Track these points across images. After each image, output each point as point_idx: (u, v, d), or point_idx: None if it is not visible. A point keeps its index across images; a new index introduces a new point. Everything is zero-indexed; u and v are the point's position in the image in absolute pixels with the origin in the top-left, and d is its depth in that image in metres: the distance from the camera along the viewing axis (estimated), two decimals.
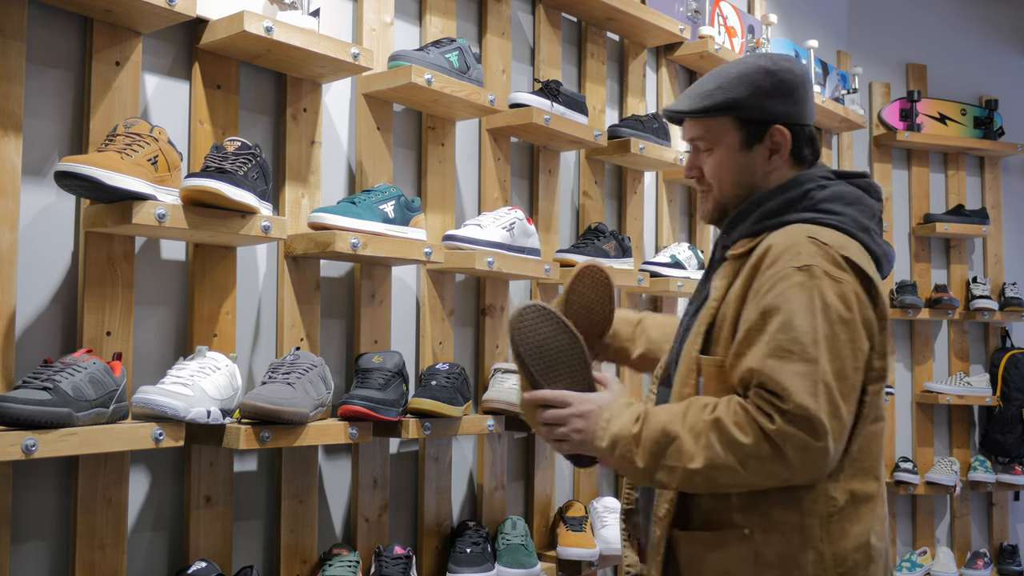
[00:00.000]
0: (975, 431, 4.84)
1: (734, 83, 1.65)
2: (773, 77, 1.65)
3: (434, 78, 2.34)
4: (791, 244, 1.53)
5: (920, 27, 4.97)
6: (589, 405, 1.58)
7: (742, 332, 1.52)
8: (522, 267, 2.53)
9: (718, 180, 1.69)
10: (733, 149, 1.67)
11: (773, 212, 1.62)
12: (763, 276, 1.53)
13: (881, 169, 4.77)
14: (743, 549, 1.53)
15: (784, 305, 1.47)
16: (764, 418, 1.44)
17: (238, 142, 1.92)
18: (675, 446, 1.49)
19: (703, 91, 1.68)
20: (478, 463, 2.73)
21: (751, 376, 1.48)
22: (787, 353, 1.45)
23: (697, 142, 1.71)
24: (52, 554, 1.86)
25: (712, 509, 1.58)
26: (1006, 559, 4.65)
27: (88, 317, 1.88)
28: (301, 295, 2.26)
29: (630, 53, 3.35)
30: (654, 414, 1.54)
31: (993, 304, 4.66)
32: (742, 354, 1.51)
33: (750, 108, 1.64)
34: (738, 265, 1.61)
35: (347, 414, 2.08)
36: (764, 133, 1.65)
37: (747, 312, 1.53)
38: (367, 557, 2.33)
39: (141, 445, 1.75)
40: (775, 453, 1.43)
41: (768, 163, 1.67)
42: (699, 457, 1.47)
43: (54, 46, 1.91)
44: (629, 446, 1.53)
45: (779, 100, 1.65)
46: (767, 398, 1.45)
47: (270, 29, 2.00)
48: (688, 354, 1.62)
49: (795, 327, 1.46)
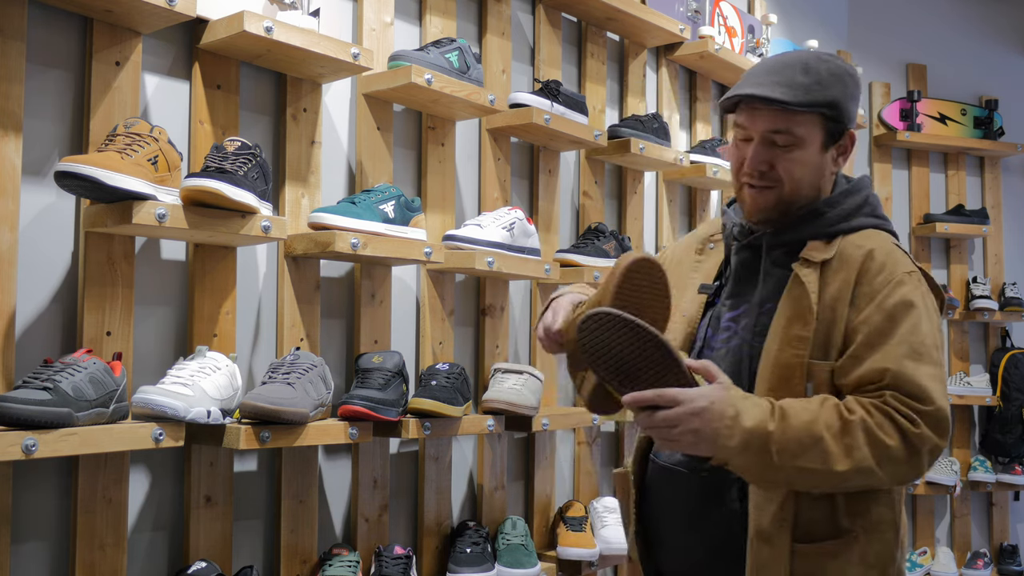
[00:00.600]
0: (975, 431, 4.84)
1: (829, 81, 1.58)
2: (855, 81, 1.63)
3: (434, 78, 2.34)
4: (890, 249, 1.57)
5: (920, 27, 4.97)
6: (702, 402, 1.42)
7: (862, 335, 1.51)
8: (522, 267, 2.53)
9: (795, 179, 1.60)
10: (816, 148, 1.60)
11: (845, 216, 1.62)
12: (875, 280, 1.53)
13: (881, 169, 4.77)
14: (853, 553, 1.52)
15: (910, 309, 1.51)
16: (907, 422, 1.45)
17: (238, 142, 1.92)
18: (820, 447, 1.43)
19: (800, 82, 1.57)
20: (478, 463, 2.73)
21: (883, 376, 1.47)
22: (919, 356, 1.48)
23: (777, 136, 1.59)
24: (52, 554, 1.86)
25: (817, 517, 1.53)
26: (1006, 559, 4.65)
27: (88, 317, 1.88)
28: (301, 295, 2.26)
29: (630, 53, 3.35)
30: (792, 410, 1.45)
31: (993, 304, 4.66)
32: (862, 357, 1.50)
33: (840, 109, 1.60)
34: (819, 269, 1.57)
35: (347, 414, 2.08)
36: (841, 135, 1.63)
37: (866, 314, 1.51)
38: (367, 557, 2.33)
39: (141, 445, 1.75)
40: (912, 456, 1.46)
41: (835, 165, 1.65)
42: (845, 459, 1.43)
43: (54, 46, 1.91)
44: (765, 445, 1.42)
45: (854, 105, 1.63)
46: (906, 401, 1.46)
47: (270, 29, 2.00)
48: (785, 359, 1.53)
49: (922, 331, 1.50)
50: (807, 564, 1.52)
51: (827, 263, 1.57)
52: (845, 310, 1.53)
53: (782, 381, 1.53)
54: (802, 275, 1.57)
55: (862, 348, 1.50)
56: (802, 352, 1.53)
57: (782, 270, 1.62)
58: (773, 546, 1.51)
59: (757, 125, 1.60)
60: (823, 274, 1.56)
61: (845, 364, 1.52)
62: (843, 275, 1.55)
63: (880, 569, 1.53)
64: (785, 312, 1.56)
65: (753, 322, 1.61)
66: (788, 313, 1.56)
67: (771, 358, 1.55)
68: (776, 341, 1.55)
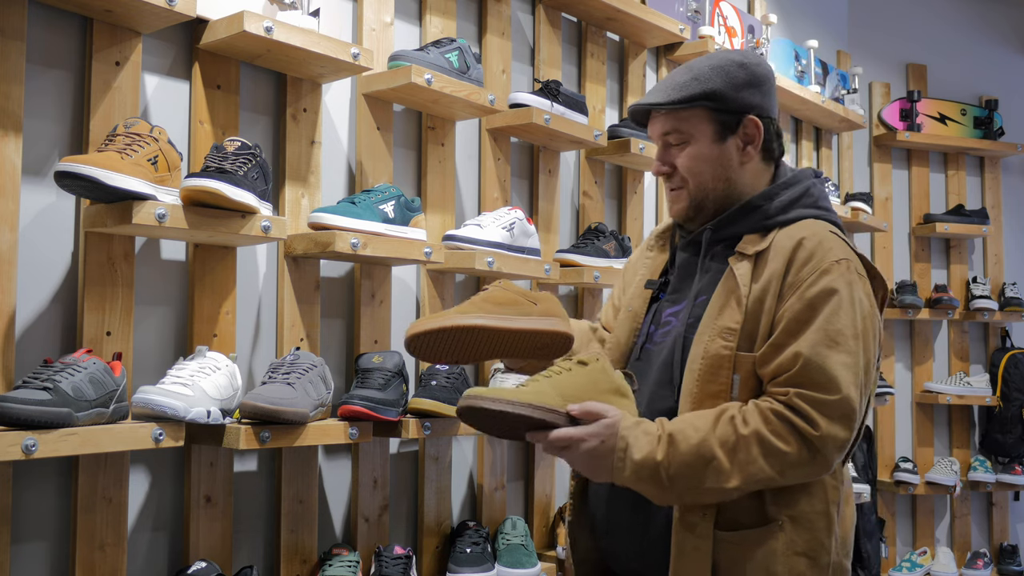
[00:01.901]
0: (975, 431, 4.84)
1: (708, 74, 1.64)
2: (746, 69, 1.66)
3: (434, 78, 2.34)
4: (822, 238, 1.57)
5: (920, 27, 4.97)
6: (593, 442, 1.46)
7: (784, 323, 1.52)
8: (522, 267, 2.53)
9: (694, 174, 1.66)
10: (708, 141, 1.65)
11: (783, 208, 1.64)
12: (802, 269, 1.54)
13: (881, 169, 4.77)
14: (780, 542, 1.53)
15: (831, 297, 1.51)
16: (805, 423, 1.47)
17: (238, 142, 1.92)
18: (712, 467, 1.46)
19: (676, 83, 1.65)
20: (478, 463, 2.73)
21: (795, 362, 1.49)
22: (834, 344, 1.49)
23: (669, 136, 1.67)
24: (52, 554, 1.86)
25: (745, 506, 1.54)
26: (1006, 559, 4.65)
27: (88, 317, 1.88)
28: (301, 295, 2.26)
29: (630, 53, 3.35)
30: (680, 434, 1.48)
31: (993, 304, 4.66)
32: (781, 345, 1.52)
33: (725, 98, 1.63)
34: (753, 261, 1.59)
35: (347, 414, 2.08)
36: (738, 124, 1.65)
37: (789, 304, 1.53)
38: (367, 557, 2.33)
39: (141, 445, 1.75)
40: (814, 457, 1.47)
41: (742, 154, 1.67)
42: (737, 475, 1.46)
43: (54, 46, 1.91)
44: (655, 473, 1.46)
45: (752, 91, 1.66)
46: (809, 396, 1.47)
47: (270, 29, 2.00)
48: (714, 350, 1.56)
49: (841, 319, 1.50)
50: (731, 551, 1.53)
51: (761, 255, 1.59)
52: (773, 302, 1.55)
53: (710, 372, 1.56)
54: (735, 268, 1.60)
55: (782, 336, 1.52)
56: (731, 343, 1.55)
57: (719, 264, 1.65)
58: (696, 534, 1.53)
59: (654, 132, 1.71)
60: (756, 266, 1.59)
61: (765, 352, 1.54)
62: (774, 266, 1.57)
63: (811, 559, 1.53)
64: (716, 304, 1.59)
65: (687, 315, 1.64)
66: (719, 305, 1.59)
67: (701, 349, 1.57)
68: (706, 332, 1.58)
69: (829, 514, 1.56)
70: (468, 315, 1.58)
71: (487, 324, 1.58)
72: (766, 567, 1.52)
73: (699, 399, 1.56)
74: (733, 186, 1.67)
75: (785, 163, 1.75)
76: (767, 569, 1.51)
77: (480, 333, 1.59)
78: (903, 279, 4.68)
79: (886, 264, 4.70)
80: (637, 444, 1.47)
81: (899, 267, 4.76)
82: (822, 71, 4.36)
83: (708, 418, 1.50)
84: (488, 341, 1.62)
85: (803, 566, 1.52)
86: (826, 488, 1.56)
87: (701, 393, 1.56)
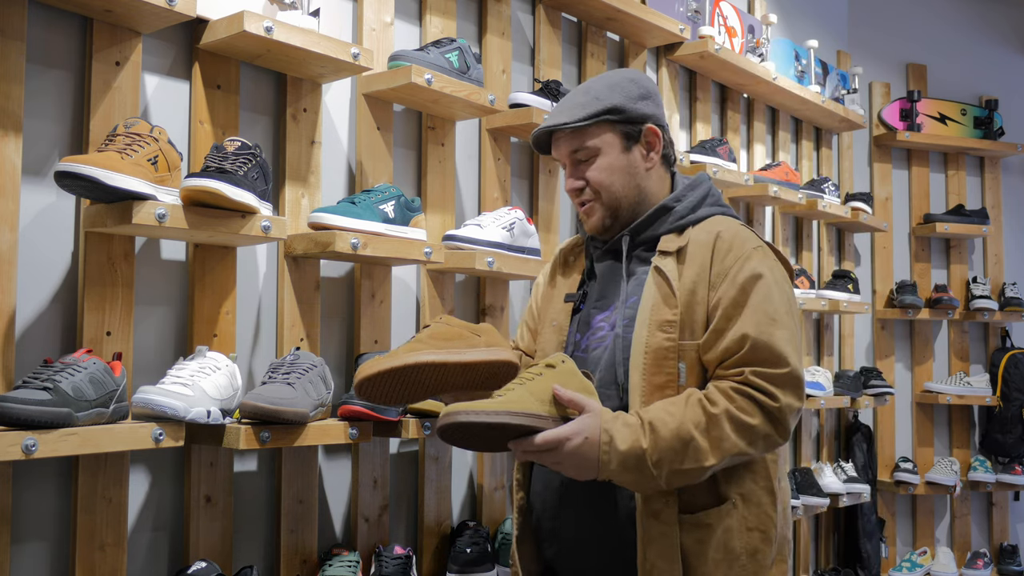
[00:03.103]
0: (975, 431, 4.84)
1: (606, 92, 1.74)
2: (637, 84, 1.77)
3: (434, 78, 2.34)
4: (736, 230, 1.71)
5: (920, 27, 4.97)
6: (578, 439, 1.49)
7: (721, 308, 1.63)
8: (522, 267, 2.53)
9: (605, 185, 1.74)
10: (616, 152, 1.74)
11: (692, 208, 1.75)
12: (726, 259, 1.66)
13: (881, 169, 4.77)
14: (734, 519, 1.63)
15: (759, 280, 1.63)
16: (766, 397, 1.57)
17: (238, 142, 1.92)
18: (692, 447, 1.54)
19: (578, 103, 1.74)
20: (478, 463, 2.73)
21: (743, 344, 1.59)
22: (773, 321, 1.61)
23: (578, 154, 1.76)
24: (52, 554, 1.86)
25: (701, 488, 1.62)
26: (1006, 559, 4.65)
27: (88, 317, 1.88)
28: (301, 295, 2.26)
29: (630, 53, 3.35)
30: (659, 421, 1.54)
31: (993, 304, 4.66)
32: (723, 330, 1.61)
33: (625, 111, 1.74)
34: (675, 258, 1.69)
35: (347, 414, 2.09)
36: (640, 133, 1.76)
37: (722, 290, 1.64)
38: (367, 557, 2.33)
39: (141, 445, 1.75)
40: (776, 427, 1.59)
41: (647, 161, 1.77)
42: (715, 452, 1.55)
43: (54, 46, 1.91)
44: (642, 462, 1.52)
45: (646, 103, 1.77)
46: (763, 372, 1.57)
47: (270, 29, 2.00)
48: (656, 343, 1.63)
49: (774, 298, 1.63)
50: (695, 532, 1.62)
51: (681, 251, 1.70)
52: (704, 291, 1.65)
53: (655, 364, 1.63)
54: (660, 264, 1.69)
55: (722, 321, 1.62)
56: (672, 335, 1.64)
57: (643, 266, 1.74)
58: (661, 520, 1.61)
59: (561, 152, 1.79)
60: (679, 261, 1.69)
61: (708, 339, 1.63)
62: (699, 259, 1.67)
63: (762, 532, 1.64)
64: (649, 300, 1.67)
65: (621, 316, 1.71)
66: (652, 301, 1.67)
67: (642, 344, 1.65)
68: (644, 328, 1.65)
69: (772, 490, 1.67)
70: (417, 352, 1.61)
71: (438, 360, 1.61)
72: (725, 543, 1.61)
73: (648, 392, 1.63)
74: (643, 192, 1.77)
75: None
76: (726, 545, 1.61)
77: (430, 369, 1.62)
78: (903, 279, 4.68)
79: (886, 264, 4.70)
80: (620, 435, 1.52)
81: (899, 267, 4.76)
82: (822, 71, 4.36)
83: (679, 403, 1.57)
84: (438, 376, 1.65)
85: (757, 540, 1.63)
86: (767, 466, 1.67)
87: (649, 386, 1.64)
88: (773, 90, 3.85)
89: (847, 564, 4.21)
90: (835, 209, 4.01)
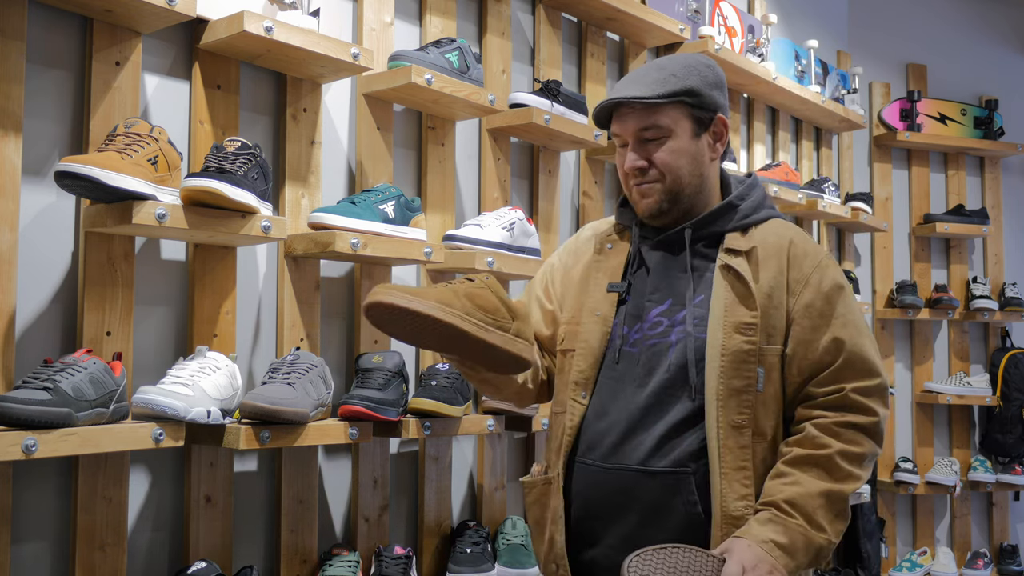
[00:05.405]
0: (975, 431, 4.84)
1: (683, 73, 1.67)
2: (712, 70, 1.71)
3: (434, 78, 2.34)
4: (805, 236, 1.72)
5: (920, 27, 4.97)
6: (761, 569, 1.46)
7: (807, 317, 1.63)
8: (522, 267, 2.53)
9: (672, 169, 1.67)
10: (687, 136, 1.67)
11: (754, 208, 1.73)
12: (803, 266, 1.66)
13: (881, 169, 4.77)
14: None
15: (841, 290, 1.66)
16: (865, 416, 1.60)
17: (238, 142, 1.92)
18: (833, 496, 1.56)
19: (654, 78, 1.66)
20: (478, 463, 2.73)
21: (838, 355, 1.60)
22: (860, 331, 1.64)
23: (646, 132, 1.66)
24: (52, 554, 1.86)
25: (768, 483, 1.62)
26: (1006, 559, 4.65)
27: (88, 317, 1.88)
28: (301, 295, 2.26)
29: (630, 53, 3.35)
30: (794, 496, 1.54)
31: (993, 304, 4.66)
32: (814, 340, 1.62)
33: (701, 96, 1.67)
34: (745, 259, 1.65)
35: (347, 414, 2.08)
36: (711, 121, 1.70)
37: (808, 300, 1.64)
38: (367, 557, 2.33)
39: (141, 445, 1.75)
40: (877, 438, 1.62)
41: (712, 151, 1.72)
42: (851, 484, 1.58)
43: (54, 46, 1.91)
44: (811, 542, 1.53)
45: (719, 92, 1.71)
46: (860, 387, 1.60)
47: (270, 29, 2.00)
48: (734, 346, 1.59)
49: (854, 309, 1.66)
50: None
51: (751, 251, 1.67)
52: (782, 296, 1.64)
53: (734, 368, 1.59)
54: (733, 264, 1.65)
55: (809, 332, 1.62)
56: (752, 338, 1.60)
57: (705, 261, 1.69)
58: (740, 525, 1.57)
59: (627, 128, 1.69)
60: (750, 262, 1.65)
61: (798, 350, 1.63)
62: (774, 263, 1.65)
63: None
64: (721, 300, 1.63)
65: (690, 315, 1.64)
66: (725, 301, 1.62)
67: (718, 346, 1.60)
68: (720, 329, 1.61)
69: None
70: (446, 308, 1.51)
71: (461, 327, 1.52)
72: None
73: (725, 395, 1.59)
74: (704, 182, 1.71)
75: None
76: None
77: (450, 330, 1.53)
78: (903, 279, 4.68)
79: (886, 264, 4.70)
80: (779, 540, 1.50)
81: (899, 267, 4.76)
82: (822, 71, 4.36)
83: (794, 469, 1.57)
84: (452, 339, 1.56)
85: None
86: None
87: (727, 389, 1.59)
88: (773, 90, 3.85)
89: (847, 564, 4.21)
90: (835, 209, 4.01)
